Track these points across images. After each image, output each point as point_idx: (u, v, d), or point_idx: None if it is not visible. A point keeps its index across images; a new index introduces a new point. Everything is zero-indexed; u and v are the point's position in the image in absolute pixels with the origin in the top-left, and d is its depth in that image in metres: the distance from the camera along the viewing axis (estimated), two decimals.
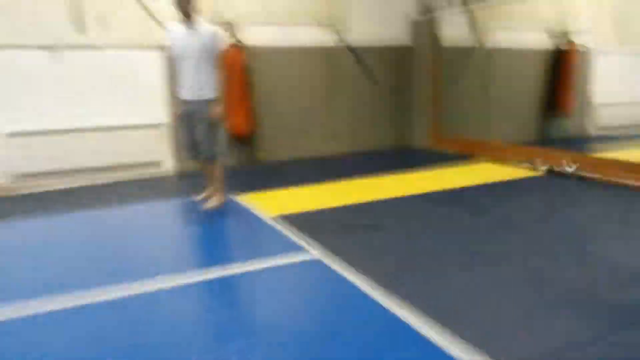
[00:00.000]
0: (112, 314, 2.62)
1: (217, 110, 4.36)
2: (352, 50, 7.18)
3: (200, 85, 4.29)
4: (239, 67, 6.35)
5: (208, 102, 4.34)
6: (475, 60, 7.27)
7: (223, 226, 4.22)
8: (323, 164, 6.75)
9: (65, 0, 5.60)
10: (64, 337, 2.41)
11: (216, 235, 4.03)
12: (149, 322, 2.54)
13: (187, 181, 5.80)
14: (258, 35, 6.57)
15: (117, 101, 5.97)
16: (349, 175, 5.80)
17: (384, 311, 2.51)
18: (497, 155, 6.46)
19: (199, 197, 4.78)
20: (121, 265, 3.32)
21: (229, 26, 6.30)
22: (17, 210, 4.78)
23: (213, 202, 4.59)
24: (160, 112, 6.13)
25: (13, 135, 5.57)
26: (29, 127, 5.63)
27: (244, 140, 6.70)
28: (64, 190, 5.59)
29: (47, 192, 5.49)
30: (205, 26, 4.31)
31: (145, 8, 5.68)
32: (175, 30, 4.34)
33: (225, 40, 4.40)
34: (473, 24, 7.05)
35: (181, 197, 5.09)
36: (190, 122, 4.42)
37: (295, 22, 6.83)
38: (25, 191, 5.55)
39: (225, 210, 4.53)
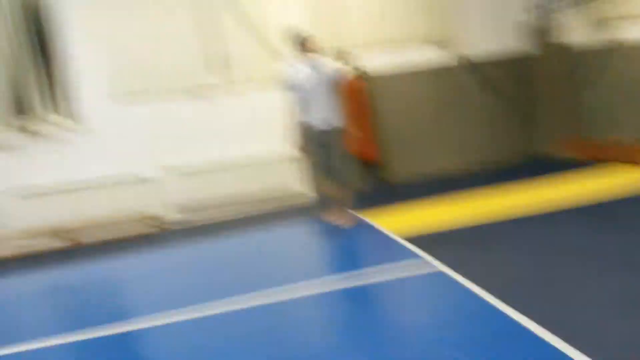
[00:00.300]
0: (262, 317, 3.10)
1: (346, 137, 4.79)
2: (469, 64, 7.25)
3: (329, 115, 4.75)
4: (360, 94, 6.75)
5: (337, 131, 4.79)
6: (604, 60, 6.90)
7: (351, 242, 4.63)
8: (447, 180, 6.86)
9: (200, 49, 6.39)
10: (222, 337, 2.92)
11: (346, 250, 4.44)
12: (294, 323, 2.97)
13: (322, 206, 6.25)
14: (375, 61, 6.93)
15: (256, 137, 6.60)
16: (475, 190, 5.86)
17: (516, 325, 2.54)
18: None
19: (331, 218, 5.20)
20: (266, 277, 3.83)
21: (346, 56, 6.74)
22: (177, 237, 5.63)
23: (342, 222, 5.01)
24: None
25: (172, 172, 6.47)
26: (187, 164, 6.48)
27: (368, 163, 7.05)
28: (214, 220, 6.37)
29: (203, 222, 6.32)
30: (324, 59, 4.79)
31: (266, 47, 6.30)
32: (297, 66, 4.82)
33: (344, 70, 4.84)
34: (597, 20, 6.70)
35: (316, 219, 5.55)
36: (324, 149, 4.84)
37: (410, 44, 7.09)
38: (185, 220, 6.45)
39: (354, 229, 4.93)
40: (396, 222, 4.93)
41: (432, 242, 4.14)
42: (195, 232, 5.85)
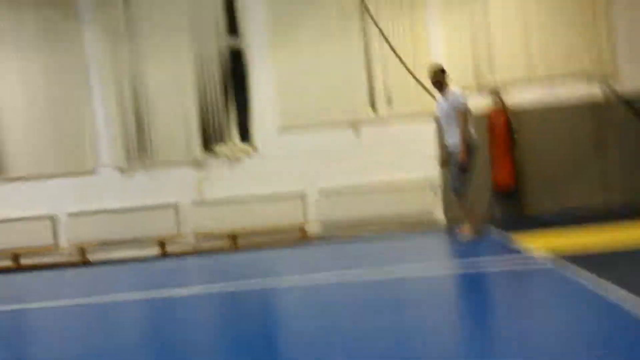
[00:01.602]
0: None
1: (462, 156, 5.24)
2: (619, 100, 7.06)
3: (453, 139, 5.31)
4: (502, 126, 7.03)
5: (458, 151, 5.30)
6: None
7: (476, 246, 4.89)
8: (588, 213, 6.63)
9: (361, 85, 7.34)
10: (354, 298, 3.51)
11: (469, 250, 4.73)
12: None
13: (454, 224, 6.60)
14: (524, 96, 7.16)
15: (401, 161, 7.27)
16: (617, 223, 5.65)
17: None
18: None
19: (459, 231, 5.59)
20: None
21: (493, 90, 7.11)
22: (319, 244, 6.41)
23: (466, 233, 5.42)
24: (433, 169, 7.22)
25: (324, 192, 7.39)
26: (336, 184, 7.36)
27: (508, 194, 7.18)
28: (357, 237, 7.08)
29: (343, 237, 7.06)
30: (452, 91, 5.36)
31: (417, 81, 6.97)
32: (438, 99, 5.56)
33: (470, 100, 5.41)
34: None
35: (447, 233, 5.94)
36: (450, 167, 5.40)
37: (560, 79, 7.18)
38: (331, 236, 7.27)
39: (481, 241, 5.19)
40: (526, 240, 5.04)
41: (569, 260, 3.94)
42: (336, 241, 6.59)
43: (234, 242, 7.28)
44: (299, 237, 7.24)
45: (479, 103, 7.10)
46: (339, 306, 3.47)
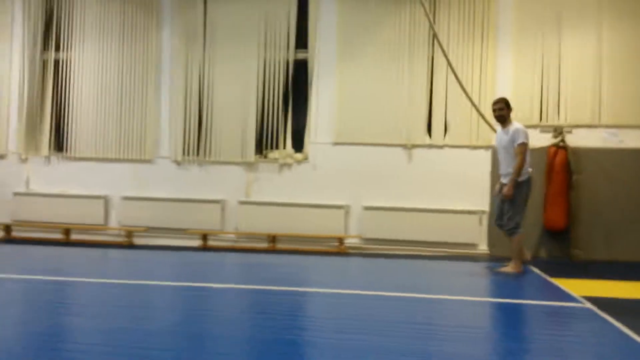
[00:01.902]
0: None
1: (504, 190, 5.18)
2: None
3: (507, 171, 5.28)
4: (560, 166, 6.82)
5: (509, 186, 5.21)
6: None
7: (514, 282, 4.72)
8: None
9: (420, 111, 7.36)
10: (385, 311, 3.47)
11: (504, 285, 4.57)
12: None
13: (499, 259, 6.43)
14: (585, 137, 6.95)
15: (449, 189, 7.21)
16: None
17: None
18: None
19: (501, 269, 5.43)
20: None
21: (556, 129, 6.94)
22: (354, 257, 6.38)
23: (508, 268, 5.31)
24: (481, 201, 7.09)
25: (367, 208, 7.39)
26: (382, 203, 7.36)
27: (559, 235, 6.91)
28: (394, 255, 7.00)
29: (380, 254, 7.01)
30: (514, 126, 5.30)
31: (480, 114, 6.92)
32: (498, 131, 5.53)
33: (526, 134, 5.28)
34: None
35: (488, 265, 5.79)
36: (500, 198, 5.28)
37: (623, 124, 6.93)
38: (370, 251, 7.23)
39: (524, 279, 5.01)
40: (569, 284, 4.85)
41: (609, 305, 3.91)
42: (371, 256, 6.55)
43: (273, 244, 7.37)
44: (338, 248, 7.24)
45: (540, 140, 6.97)
46: (358, 318, 3.45)
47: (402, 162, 7.42)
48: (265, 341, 2.89)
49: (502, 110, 5.36)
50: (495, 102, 5.46)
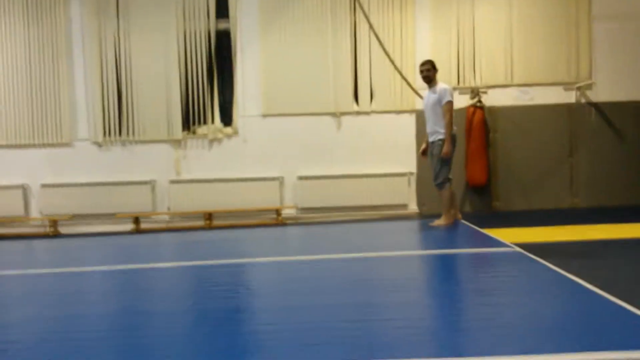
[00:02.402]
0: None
1: (444, 149, 5.45)
2: (593, 106, 7.36)
3: (433, 129, 5.54)
4: (478, 125, 7.24)
5: (438, 143, 5.51)
6: None
7: (447, 233, 5.03)
8: (559, 213, 6.90)
9: (346, 78, 7.47)
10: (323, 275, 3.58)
11: (440, 236, 4.86)
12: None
13: (429, 217, 6.76)
14: (502, 98, 7.41)
15: (378, 153, 7.45)
16: (585, 222, 5.89)
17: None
18: None
19: (434, 223, 5.74)
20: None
21: (473, 90, 7.33)
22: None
23: (440, 221, 5.65)
24: (409, 164, 7.39)
25: (301, 178, 7.47)
26: (314, 172, 7.47)
27: (480, 190, 7.39)
28: (330, 222, 7.17)
29: (317, 222, 7.15)
30: (440, 86, 5.55)
31: (403, 78, 7.15)
32: (427, 92, 5.73)
33: (450, 92, 5.54)
34: None
35: (420, 223, 6.10)
36: (431, 158, 5.55)
37: (537, 84, 7.45)
38: (307, 220, 7.35)
39: (455, 231, 5.33)
40: (496, 232, 5.22)
41: (535, 249, 4.22)
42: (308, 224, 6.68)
43: (209, 221, 7.29)
44: (275, 220, 7.30)
45: (458, 101, 7.33)
46: (300, 281, 3.55)
47: (331, 130, 7.54)
48: (210, 310, 2.91)
49: (429, 72, 5.59)
50: (422, 64, 5.67)
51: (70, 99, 7.48)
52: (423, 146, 5.87)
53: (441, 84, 5.63)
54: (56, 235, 7.18)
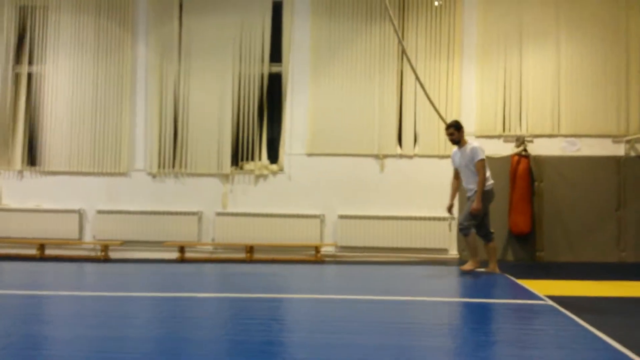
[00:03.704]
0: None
1: (473, 205, 5.55)
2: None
3: (469, 186, 5.70)
4: (523, 173, 7.19)
5: (472, 197, 5.63)
6: None
7: (480, 281, 5.00)
8: (605, 267, 6.68)
9: (391, 122, 7.64)
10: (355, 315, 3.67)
11: (473, 285, 4.83)
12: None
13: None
14: (546, 146, 7.36)
15: (419, 197, 7.50)
16: (630, 278, 5.70)
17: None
18: None
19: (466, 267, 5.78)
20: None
21: (518, 138, 7.33)
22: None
23: (468, 266, 5.71)
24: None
25: (342, 217, 7.60)
26: (355, 212, 7.59)
27: (524, 239, 7.27)
28: (369, 262, 7.22)
29: (355, 261, 7.22)
30: (470, 145, 5.67)
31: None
32: (454, 151, 5.90)
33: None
34: None
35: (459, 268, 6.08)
36: (465, 208, 5.76)
37: (580, 133, 7.37)
38: (346, 259, 7.44)
39: (492, 280, 5.29)
40: (534, 284, 5.14)
41: (570, 303, 4.17)
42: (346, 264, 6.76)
43: (250, 254, 7.50)
44: (314, 257, 7.43)
45: (504, 150, 7.36)
46: (334, 320, 3.64)
47: (374, 171, 7.68)
48: (245, 342, 3.04)
49: (453, 135, 5.70)
50: (447, 128, 5.79)
51: (130, 132, 7.99)
52: (449, 203, 5.99)
53: (470, 143, 5.73)
54: (106, 259, 7.57)
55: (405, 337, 3.15)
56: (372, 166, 7.69)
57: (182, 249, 7.60)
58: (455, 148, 5.82)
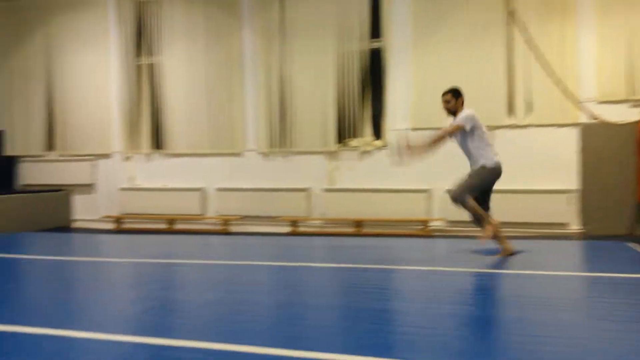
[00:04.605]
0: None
1: (421, 146, 4.99)
2: None
3: (471, 160, 5.19)
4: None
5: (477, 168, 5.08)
6: None
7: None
8: None
9: (500, 91, 7.34)
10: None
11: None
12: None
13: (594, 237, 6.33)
14: None
15: (535, 169, 7.17)
16: None
17: None
18: None
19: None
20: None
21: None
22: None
23: (486, 234, 5.05)
24: (569, 181, 7.00)
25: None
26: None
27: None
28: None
29: (465, 235, 7.12)
30: (462, 114, 5.05)
31: (564, 90, 6.80)
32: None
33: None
34: None
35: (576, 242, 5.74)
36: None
37: None
38: (455, 233, 7.35)
39: (619, 253, 4.97)
40: None
41: None
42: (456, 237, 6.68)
43: (359, 228, 7.68)
44: (422, 231, 7.43)
45: (628, 116, 6.78)
46: (443, 291, 3.65)
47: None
48: (358, 309, 3.20)
49: (449, 103, 5.04)
50: (443, 94, 5.10)
51: (241, 115, 8.46)
52: None
53: (464, 111, 5.06)
54: (227, 233, 8.16)
55: (527, 310, 3.12)
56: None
57: (294, 223, 7.98)
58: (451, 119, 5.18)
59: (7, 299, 3.67)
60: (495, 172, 5.03)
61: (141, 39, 9.03)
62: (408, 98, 7.76)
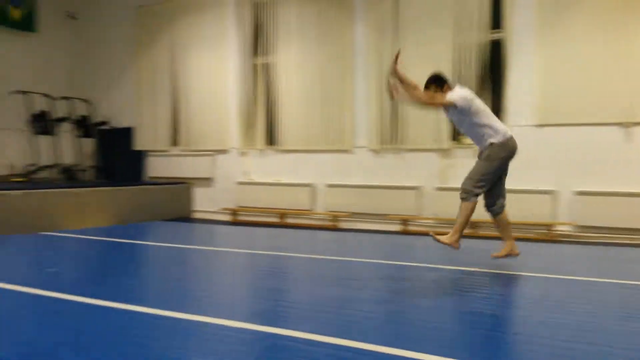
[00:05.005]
0: None
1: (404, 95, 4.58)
2: None
3: (480, 144, 4.78)
4: None
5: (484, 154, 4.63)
6: None
7: None
8: None
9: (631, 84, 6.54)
10: None
11: None
12: None
13: None
14: None
15: None
16: None
17: None
18: None
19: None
20: None
21: None
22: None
23: (443, 238, 4.49)
24: None
25: (580, 193, 6.83)
26: (594, 188, 6.74)
27: None
28: (617, 243, 6.35)
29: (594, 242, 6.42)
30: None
31: None
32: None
33: None
34: None
35: None
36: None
37: None
38: (584, 239, 6.68)
39: None
40: None
41: None
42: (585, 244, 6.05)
43: (475, 230, 7.27)
44: (547, 236, 6.85)
45: None
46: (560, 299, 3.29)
47: (617, 141, 6.70)
48: (470, 313, 3.03)
49: (429, 88, 4.67)
50: (424, 88, 4.76)
51: (352, 112, 8.42)
52: None
53: (459, 90, 4.57)
54: (336, 229, 8.18)
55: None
56: (615, 136, 6.71)
57: (404, 222, 7.78)
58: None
59: (146, 283, 3.94)
60: (507, 148, 4.55)
61: (257, 39, 9.36)
62: (532, 92, 7.20)
